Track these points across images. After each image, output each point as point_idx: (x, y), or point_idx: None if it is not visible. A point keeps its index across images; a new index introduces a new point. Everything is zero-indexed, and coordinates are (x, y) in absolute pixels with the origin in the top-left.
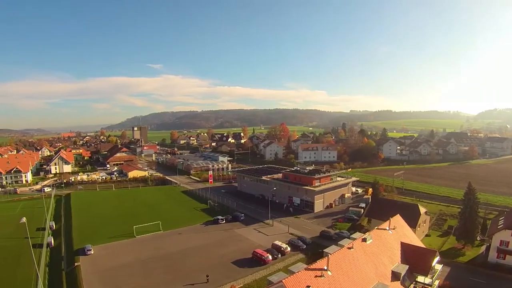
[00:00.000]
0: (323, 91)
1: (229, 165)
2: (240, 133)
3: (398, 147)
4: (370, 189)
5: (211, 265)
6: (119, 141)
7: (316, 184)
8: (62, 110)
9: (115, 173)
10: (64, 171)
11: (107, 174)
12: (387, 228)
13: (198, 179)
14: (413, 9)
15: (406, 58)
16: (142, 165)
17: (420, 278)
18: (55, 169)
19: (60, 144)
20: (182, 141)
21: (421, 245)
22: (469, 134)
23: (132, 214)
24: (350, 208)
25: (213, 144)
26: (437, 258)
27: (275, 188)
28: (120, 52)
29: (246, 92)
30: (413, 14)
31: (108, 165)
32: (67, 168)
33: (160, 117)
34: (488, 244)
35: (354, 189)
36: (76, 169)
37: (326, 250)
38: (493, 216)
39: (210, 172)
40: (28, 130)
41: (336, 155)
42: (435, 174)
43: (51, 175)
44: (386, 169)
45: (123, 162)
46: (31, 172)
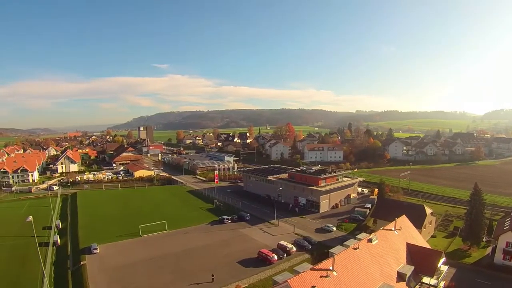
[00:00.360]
0: (330, 91)
1: (235, 165)
2: (246, 133)
3: (404, 148)
4: (376, 190)
5: (217, 265)
6: (125, 141)
7: (322, 184)
8: (69, 110)
9: (121, 173)
10: (71, 170)
11: (113, 174)
12: (393, 229)
13: (204, 179)
14: (419, 8)
15: (412, 58)
16: (148, 165)
17: (426, 279)
18: (62, 168)
19: (67, 144)
20: (188, 141)
21: (427, 246)
22: (476, 135)
23: (138, 214)
24: (356, 209)
25: (219, 144)
26: (443, 259)
27: (281, 188)
28: (127, 53)
29: (252, 92)
30: (419, 13)
31: (114, 165)
32: (74, 168)
33: (166, 117)
34: (494, 246)
35: (360, 190)
36: (83, 169)
37: (332, 251)
38: (499, 218)
39: (216, 172)
40: (35, 130)
41: (342, 155)
42: (441, 175)
43: (58, 174)
44: (392, 170)
45: (129, 162)
46: (38, 171)
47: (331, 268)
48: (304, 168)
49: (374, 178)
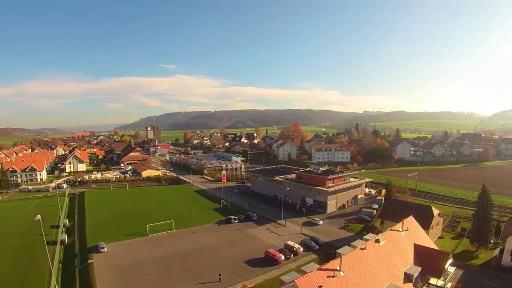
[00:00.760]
0: (337, 91)
1: (242, 165)
2: (253, 133)
3: (412, 148)
4: (383, 190)
5: (224, 264)
6: (133, 141)
7: (329, 185)
8: (77, 110)
9: (129, 172)
10: (79, 170)
11: (121, 173)
12: (400, 230)
13: (212, 179)
14: (426, 8)
15: (420, 58)
16: (156, 165)
17: (433, 280)
18: (70, 168)
19: (74, 143)
20: (196, 141)
21: (434, 247)
22: (483, 135)
23: (146, 213)
24: (363, 209)
25: (226, 144)
26: (450, 261)
27: (288, 188)
28: (134, 53)
29: (259, 93)
30: (426, 11)
31: (122, 164)
32: (82, 167)
33: (174, 117)
34: (502, 247)
35: (367, 190)
36: (91, 168)
37: (339, 251)
38: (507, 219)
39: (224, 172)
40: (43, 130)
41: (350, 156)
42: (449, 176)
43: (66, 174)
44: (400, 170)
45: (137, 162)
46: (46, 171)
47: (338, 268)
48: (312, 169)
49: (382, 179)
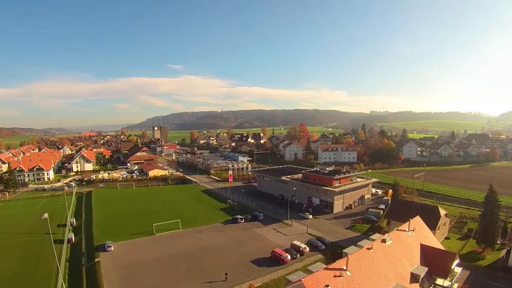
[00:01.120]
0: (343, 92)
1: (249, 165)
2: (260, 134)
3: (419, 148)
4: (390, 191)
5: (230, 264)
6: (140, 141)
7: (336, 185)
8: (83, 110)
9: (136, 172)
10: (86, 169)
11: (128, 173)
12: (407, 230)
13: (218, 179)
14: (433, 8)
15: (427, 58)
16: (163, 164)
17: (439, 281)
18: (77, 167)
19: (81, 143)
20: (202, 141)
21: (441, 248)
22: (491, 136)
23: (152, 212)
24: (370, 209)
25: (233, 144)
26: (457, 261)
27: (295, 188)
28: (141, 53)
29: (266, 93)
30: (433, 13)
31: (129, 164)
32: (89, 167)
33: (180, 117)
34: (509, 248)
35: (374, 190)
36: (97, 168)
37: (346, 251)
38: None
39: (230, 172)
40: (50, 129)
41: (356, 156)
42: (456, 176)
43: (73, 173)
44: (406, 171)
45: (144, 161)
46: (53, 170)
47: (345, 268)
48: (318, 169)
49: (388, 179)
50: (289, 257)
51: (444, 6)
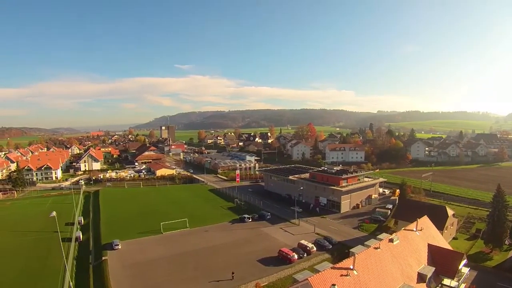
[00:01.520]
0: (351, 91)
1: (256, 165)
2: (267, 133)
3: (426, 148)
4: (398, 191)
5: (237, 263)
6: (147, 140)
7: (343, 185)
8: (92, 110)
9: (143, 171)
10: (93, 169)
11: (136, 172)
12: (414, 229)
13: (225, 178)
14: (441, 7)
15: (434, 57)
16: (170, 164)
17: (446, 281)
18: (85, 167)
19: (89, 143)
20: (210, 141)
21: (448, 248)
22: (499, 136)
23: (159, 211)
24: (377, 209)
25: (240, 144)
26: (464, 261)
27: (302, 188)
28: (149, 54)
29: (273, 93)
30: (441, 12)
31: (137, 163)
32: (96, 166)
33: (188, 117)
34: None
35: (381, 190)
36: (105, 167)
37: (353, 250)
38: None
39: (237, 171)
40: (58, 129)
41: (364, 156)
42: (464, 176)
43: (81, 172)
44: (414, 171)
45: (151, 161)
46: (61, 169)
47: (352, 267)
48: (326, 168)
49: (396, 179)
50: (296, 257)
51: (452, 5)
